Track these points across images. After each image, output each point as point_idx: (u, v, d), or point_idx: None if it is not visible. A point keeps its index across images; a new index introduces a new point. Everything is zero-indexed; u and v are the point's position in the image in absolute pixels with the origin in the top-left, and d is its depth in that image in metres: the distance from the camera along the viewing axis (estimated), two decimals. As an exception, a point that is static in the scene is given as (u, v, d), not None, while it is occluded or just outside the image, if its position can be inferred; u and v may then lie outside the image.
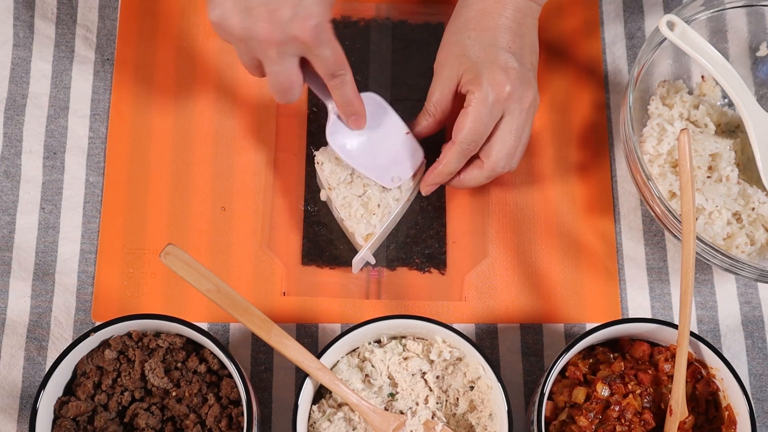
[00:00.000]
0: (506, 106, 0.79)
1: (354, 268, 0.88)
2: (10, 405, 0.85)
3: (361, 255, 0.85)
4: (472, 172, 0.84)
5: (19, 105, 0.94)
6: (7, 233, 0.90)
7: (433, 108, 0.84)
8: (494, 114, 0.79)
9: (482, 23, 0.81)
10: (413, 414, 0.80)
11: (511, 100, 0.79)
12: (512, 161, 0.83)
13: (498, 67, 0.78)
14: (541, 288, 0.90)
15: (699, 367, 0.80)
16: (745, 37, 0.93)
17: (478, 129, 0.79)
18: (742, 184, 0.86)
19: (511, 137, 0.80)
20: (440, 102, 0.83)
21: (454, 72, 0.81)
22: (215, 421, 0.77)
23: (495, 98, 0.78)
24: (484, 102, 0.78)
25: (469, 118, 0.79)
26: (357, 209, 0.85)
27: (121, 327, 0.79)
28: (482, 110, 0.78)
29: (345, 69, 0.78)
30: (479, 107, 0.78)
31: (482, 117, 0.79)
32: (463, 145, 0.80)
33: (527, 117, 0.81)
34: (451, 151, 0.81)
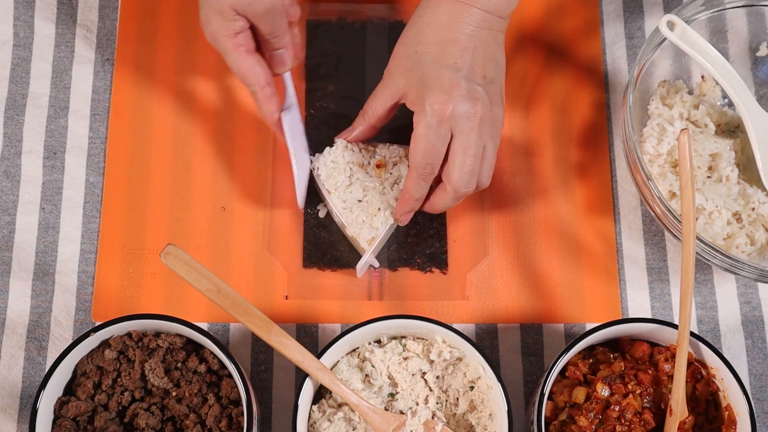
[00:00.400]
0: (452, 125, 0.77)
1: (358, 273, 0.87)
2: (10, 405, 0.85)
3: (365, 259, 0.85)
4: (438, 197, 0.82)
5: (19, 105, 0.94)
6: (7, 233, 0.90)
7: (370, 113, 0.83)
8: (441, 135, 0.77)
9: (431, 36, 0.78)
10: (413, 414, 0.80)
11: (455, 118, 0.76)
12: (476, 180, 0.80)
13: (440, 87, 0.76)
14: (541, 288, 0.90)
15: (699, 367, 0.80)
16: (745, 37, 0.93)
17: (429, 152, 0.77)
18: (742, 184, 0.86)
19: (466, 157, 0.78)
20: (378, 110, 0.82)
21: (400, 84, 0.79)
22: (215, 421, 0.77)
23: (438, 119, 0.76)
24: (429, 125, 0.76)
25: (417, 142, 0.78)
26: (358, 215, 0.85)
27: (121, 327, 0.79)
28: (428, 132, 0.77)
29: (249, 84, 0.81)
30: (425, 130, 0.77)
31: (429, 139, 0.77)
32: (419, 169, 0.79)
33: (480, 133, 0.77)
34: (411, 178, 0.80)
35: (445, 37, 0.78)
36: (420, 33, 0.79)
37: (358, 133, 0.85)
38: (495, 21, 0.79)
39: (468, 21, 0.78)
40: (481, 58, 0.78)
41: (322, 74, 0.95)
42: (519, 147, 0.94)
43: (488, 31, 0.78)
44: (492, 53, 0.79)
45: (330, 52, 0.96)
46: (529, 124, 0.95)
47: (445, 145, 0.78)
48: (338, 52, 0.96)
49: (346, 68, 0.96)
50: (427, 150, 0.77)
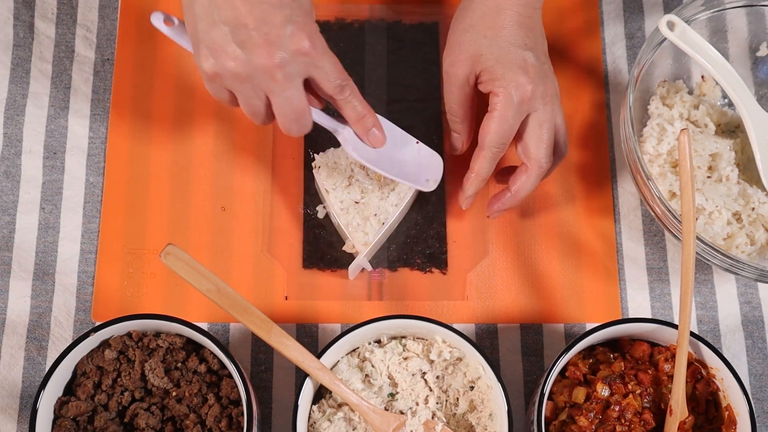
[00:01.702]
0: (531, 105, 0.79)
1: (350, 275, 0.88)
2: (10, 405, 0.85)
3: (357, 262, 0.85)
4: (522, 179, 0.82)
5: (19, 105, 0.94)
6: (7, 233, 0.90)
7: (461, 111, 0.83)
8: (520, 114, 0.79)
9: (496, 21, 0.80)
10: (413, 414, 0.80)
11: (534, 98, 0.79)
12: (554, 153, 0.82)
13: (518, 68, 0.78)
14: (541, 288, 0.90)
15: (699, 367, 0.80)
16: (745, 37, 0.93)
17: (505, 131, 0.79)
18: (742, 184, 0.86)
19: (543, 131, 0.80)
20: (464, 103, 0.83)
21: (470, 71, 0.81)
22: (215, 421, 0.77)
23: (519, 99, 0.78)
24: (510, 104, 0.78)
25: (494, 121, 0.79)
26: (354, 216, 0.85)
27: (121, 327, 0.79)
28: (508, 113, 0.78)
29: (348, 78, 0.77)
30: (505, 110, 0.78)
31: (508, 119, 0.78)
32: (493, 149, 0.80)
33: (553, 108, 0.81)
34: (481, 157, 0.81)
35: (512, 19, 0.80)
36: (483, 18, 0.80)
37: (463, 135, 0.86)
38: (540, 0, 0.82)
39: (526, 3, 0.80)
40: (541, 36, 0.82)
41: (322, 74, 0.95)
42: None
43: (538, 11, 0.82)
44: (542, 29, 0.83)
45: (329, 53, 0.96)
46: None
47: (518, 124, 0.80)
48: (337, 52, 0.95)
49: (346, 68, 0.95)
50: (504, 129, 0.79)
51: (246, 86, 0.73)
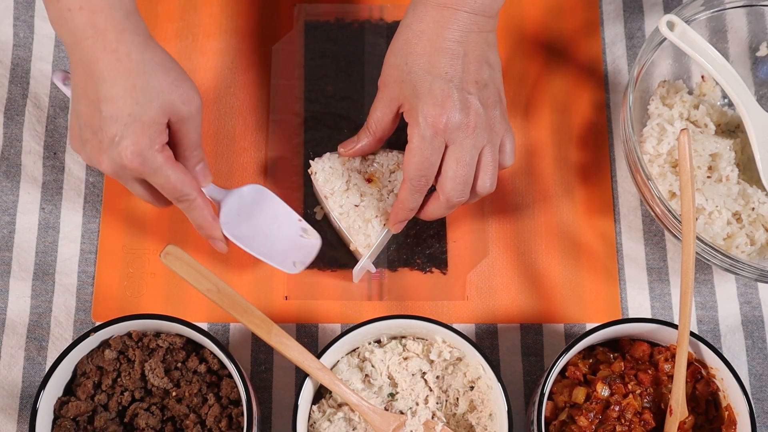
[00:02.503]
0: (447, 136, 0.76)
1: (354, 278, 0.87)
2: (10, 405, 0.85)
3: (360, 265, 0.85)
4: (432, 206, 0.81)
5: (19, 105, 0.94)
6: (7, 233, 0.90)
7: (374, 126, 0.82)
8: (436, 146, 0.76)
9: (420, 47, 0.76)
10: (413, 414, 0.80)
11: (448, 130, 0.75)
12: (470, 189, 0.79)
13: (432, 99, 0.75)
14: (541, 288, 0.90)
15: (699, 367, 0.80)
16: (745, 37, 0.93)
17: (423, 164, 0.77)
18: (742, 184, 0.86)
19: (459, 167, 0.77)
20: (380, 121, 0.81)
21: (395, 95, 0.79)
22: (215, 421, 0.77)
23: (432, 132, 0.75)
24: (423, 137, 0.76)
25: (411, 154, 0.77)
26: (355, 220, 0.85)
27: (121, 327, 0.79)
28: (423, 145, 0.76)
29: (187, 193, 0.77)
30: (419, 143, 0.76)
31: (424, 152, 0.76)
32: (413, 181, 0.78)
33: (474, 141, 0.76)
34: (405, 189, 0.79)
35: (434, 47, 0.76)
36: (409, 43, 0.77)
37: (362, 145, 0.84)
38: (483, 22, 0.77)
39: (455, 27, 0.76)
40: (473, 63, 0.77)
41: (321, 75, 0.95)
42: (519, 147, 0.94)
43: (477, 34, 0.77)
44: (483, 56, 0.78)
45: (328, 53, 0.96)
46: (529, 124, 0.95)
47: (439, 156, 0.77)
48: (337, 52, 0.96)
49: (345, 69, 0.96)
50: (421, 162, 0.77)
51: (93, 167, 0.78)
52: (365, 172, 0.85)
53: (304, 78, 0.95)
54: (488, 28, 0.78)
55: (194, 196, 0.78)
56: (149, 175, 0.74)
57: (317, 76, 0.95)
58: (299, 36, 0.97)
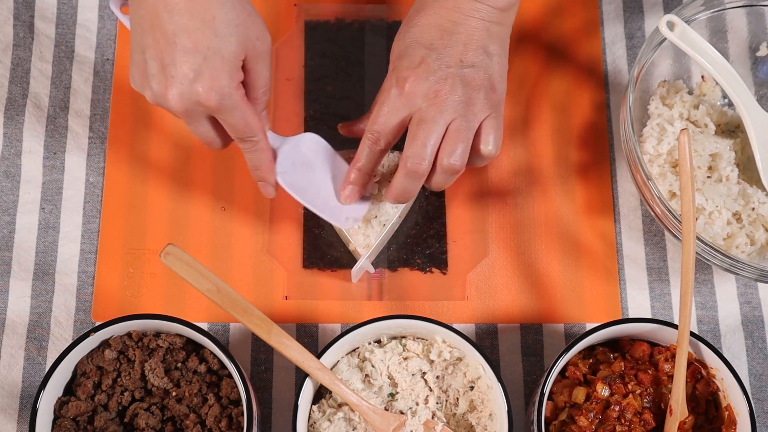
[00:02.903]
0: (411, 101, 0.75)
1: (353, 278, 0.87)
2: (10, 405, 0.85)
3: (359, 265, 0.85)
4: (395, 177, 0.79)
5: (19, 105, 0.94)
6: (7, 233, 0.90)
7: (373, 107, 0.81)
8: (398, 107, 0.76)
9: (415, 19, 0.77)
10: (413, 414, 0.80)
11: (414, 95, 0.75)
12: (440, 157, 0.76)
13: (409, 62, 0.75)
14: (541, 288, 0.90)
15: (699, 367, 0.80)
16: (745, 37, 0.93)
17: (379, 119, 0.76)
18: (742, 184, 0.86)
19: (420, 131, 0.75)
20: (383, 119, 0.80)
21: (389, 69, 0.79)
22: (215, 421, 0.77)
23: (398, 92, 0.75)
24: (389, 94, 0.76)
25: (374, 110, 0.77)
26: None
27: (121, 327, 0.79)
28: (386, 101, 0.76)
29: (255, 134, 0.76)
30: (384, 98, 0.76)
31: (383, 107, 0.76)
32: (368, 134, 0.77)
33: (441, 110, 0.75)
34: (362, 143, 0.79)
35: (428, 21, 0.77)
36: (409, 17, 0.79)
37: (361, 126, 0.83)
38: (490, 12, 0.76)
39: (457, 9, 0.76)
40: (462, 43, 0.76)
41: (321, 75, 0.95)
42: (519, 147, 0.94)
43: (478, 21, 0.77)
44: (480, 42, 0.76)
45: (329, 53, 0.96)
46: (529, 124, 0.95)
47: (398, 118, 0.76)
48: (337, 52, 0.96)
49: (345, 68, 0.96)
50: (380, 118, 0.76)
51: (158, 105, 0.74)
52: None
53: (304, 78, 0.95)
54: (495, 20, 0.77)
55: (260, 137, 0.76)
56: (223, 113, 0.72)
57: (317, 75, 0.95)
58: (299, 36, 0.97)
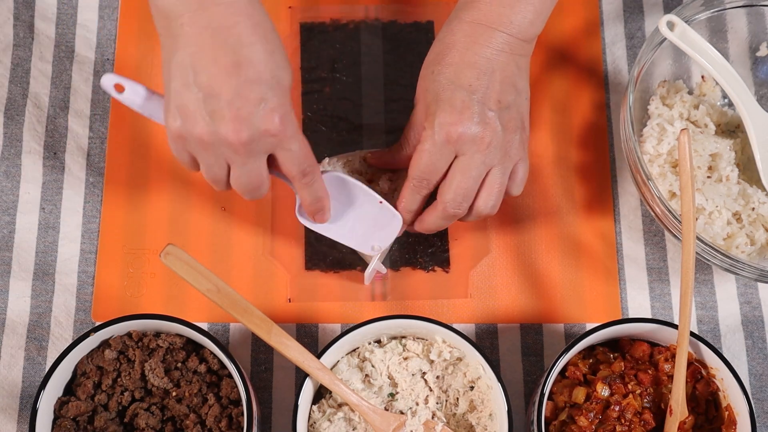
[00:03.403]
0: (458, 147, 0.75)
1: (366, 280, 0.87)
2: (10, 405, 0.85)
3: (372, 267, 0.85)
4: (429, 214, 0.80)
5: (19, 105, 0.94)
6: (7, 233, 0.90)
7: (407, 142, 0.81)
8: (445, 154, 0.76)
9: (448, 58, 0.76)
10: (413, 414, 0.80)
11: (461, 141, 0.75)
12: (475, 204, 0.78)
13: (451, 107, 0.75)
14: (541, 288, 0.90)
15: (699, 367, 0.80)
16: (745, 37, 0.93)
17: (428, 167, 0.77)
18: (742, 184, 0.86)
19: (463, 178, 0.76)
20: (413, 137, 0.80)
21: (422, 107, 0.78)
22: (215, 421, 0.77)
23: (444, 139, 0.75)
24: (434, 142, 0.75)
25: (419, 155, 0.77)
26: None
27: (121, 327, 0.79)
28: (432, 149, 0.76)
29: (314, 164, 0.75)
30: (430, 147, 0.76)
31: (432, 156, 0.76)
32: (414, 181, 0.78)
33: (485, 158, 0.76)
34: (406, 188, 0.79)
35: (463, 59, 0.76)
36: (439, 54, 0.77)
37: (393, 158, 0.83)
38: (517, 45, 0.77)
39: (488, 44, 0.76)
40: (499, 82, 0.76)
41: (318, 77, 0.95)
42: (519, 147, 0.94)
43: (509, 55, 0.77)
44: (512, 78, 0.77)
45: (325, 55, 0.96)
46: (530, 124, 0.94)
47: (446, 164, 0.77)
48: (333, 53, 0.96)
49: (342, 70, 0.96)
50: (427, 165, 0.77)
51: (209, 154, 0.71)
52: (366, 173, 0.85)
53: (301, 80, 0.95)
54: (521, 52, 0.78)
55: (317, 165, 0.76)
56: (289, 142, 0.71)
57: (314, 77, 0.95)
58: (295, 38, 0.97)
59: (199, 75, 0.68)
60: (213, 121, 0.69)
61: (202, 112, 0.69)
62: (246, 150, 0.70)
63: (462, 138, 0.75)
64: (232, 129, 0.68)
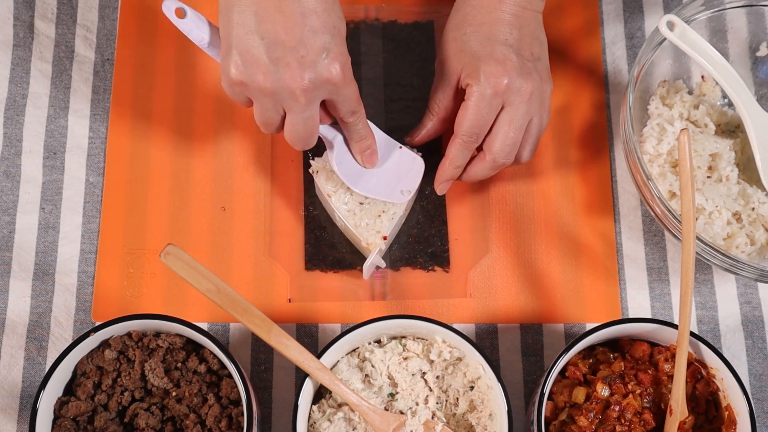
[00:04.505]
0: (505, 98, 0.79)
1: (365, 274, 0.87)
2: (10, 405, 0.85)
3: (370, 260, 0.85)
4: (476, 165, 0.84)
5: (19, 105, 0.94)
6: (7, 233, 0.90)
7: (436, 107, 0.85)
8: (493, 106, 0.79)
9: (478, 18, 0.81)
10: (413, 414, 0.80)
11: (509, 92, 0.79)
12: (517, 152, 0.83)
13: (494, 60, 0.79)
14: (541, 288, 0.90)
15: (699, 367, 0.80)
16: (745, 37, 0.93)
17: (478, 122, 0.80)
18: (742, 184, 0.86)
19: (511, 129, 0.80)
20: (442, 100, 0.84)
21: (453, 69, 0.82)
22: (215, 421, 0.77)
23: (493, 91, 0.78)
24: (483, 95, 0.79)
25: (468, 111, 0.79)
26: (362, 217, 0.84)
27: (121, 327, 0.79)
28: (481, 103, 0.79)
29: (361, 104, 0.79)
30: (478, 100, 0.79)
31: (481, 110, 0.79)
32: (464, 137, 0.81)
33: (528, 107, 0.80)
34: (455, 145, 0.82)
35: (492, 17, 0.80)
36: (468, 16, 0.81)
37: (428, 129, 0.86)
38: (535, 1, 0.82)
39: (512, 1, 0.81)
40: (528, 36, 0.81)
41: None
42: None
43: (531, 12, 0.82)
44: (535, 32, 0.82)
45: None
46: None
47: (493, 116, 0.80)
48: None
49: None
50: (476, 119, 0.79)
51: (267, 100, 0.73)
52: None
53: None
54: (538, 9, 0.83)
55: (362, 106, 0.79)
56: (346, 87, 0.74)
57: (316, 77, 0.95)
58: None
59: (263, 23, 0.70)
60: (276, 68, 0.70)
61: (265, 59, 0.70)
62: (307, 97, 0.72)
63: (510, 88, 0.79)
64: (297, 77, 0.71)
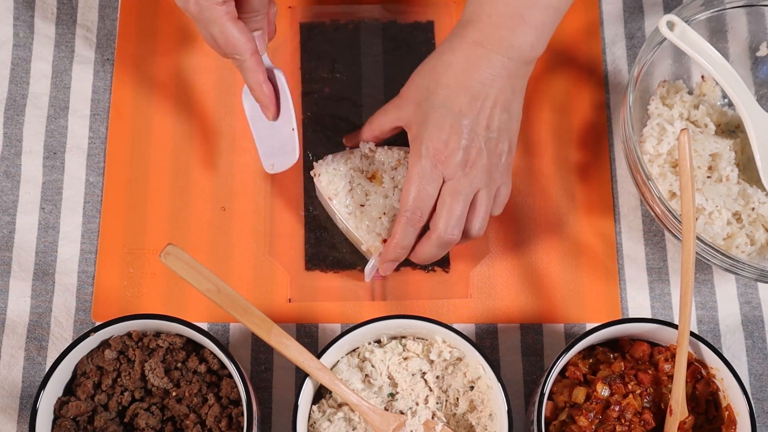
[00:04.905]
0: (446, 171, 0.76)
1: (366, 277, 0.87)
2: (10, 405, 0.85)
3: (371, 263, 0.85)
4: (423, 245, 0.79)
5: (19, 105, 0.94)
6: (7, 233, 0.90)
7: (376, 127, 0.83)
8: (434, 179, 0.76)
9: (444, 78, 0.77)
10: (413, 414, 0.80)
11: (449, 165, 0.75)
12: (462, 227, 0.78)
13: (439, 131, 0.75)
14: (541, 288, 0.90)
15: (699, 367, 0.80)
16: (745, 37, 0.93)
17: (420, 194, 0.77)
18: (742, 184, 0.86)
19: (453, 202, 0.76)
20: (383, 126, 0.82)
21: (407, 112, 0.79)
22: (215, 421, 0.77)
23: (432, 164, 0.76)
24: (422, 168, 0.76)
25: (409, 183, 0.77)
26: (362, 219, 0.84)
27: (121, 327, 0.79)
28: (421, 176, 0.76)
29: (237, 52, 0.77)
30: (418, 173, 0.76)
31: (422, 182, 0.76)
32: (407, 214, 0.78)
33: (471, 181, 0.76)
34: (399, 224, 0.78)
35: (458, 82, 0.76)
36: (435, 71, 0.77)
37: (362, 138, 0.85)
38: (515, 68, 0.77)
39: (486, 68, 0.76)
40: (490, 107, 0.77)
41: (318, 77, 0.95)
42: (519, 147, 0.93)
43: (506, 79, 0.77)
44: (506, 103, 0.77)
45: (325, 55, 0.96)
46: (529, 124, 0.95)
47: (436, 190, 0.77)
48: (333, 54, 0.96)
49: (342, 70, 0.96)
50: (418, 192, 0.77)
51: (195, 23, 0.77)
52: (367, 171, 0.85)
53: (300, 80, 0.95)
54: (519, 75, 0.78)
55: (246, 56, 0.78)
56: (206, 25, 0.76)
57: (314, 77, 0.95)
58: (294, 38, 0.97)
59: None
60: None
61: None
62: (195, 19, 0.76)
63: (449, 161, 0.76)
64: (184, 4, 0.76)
